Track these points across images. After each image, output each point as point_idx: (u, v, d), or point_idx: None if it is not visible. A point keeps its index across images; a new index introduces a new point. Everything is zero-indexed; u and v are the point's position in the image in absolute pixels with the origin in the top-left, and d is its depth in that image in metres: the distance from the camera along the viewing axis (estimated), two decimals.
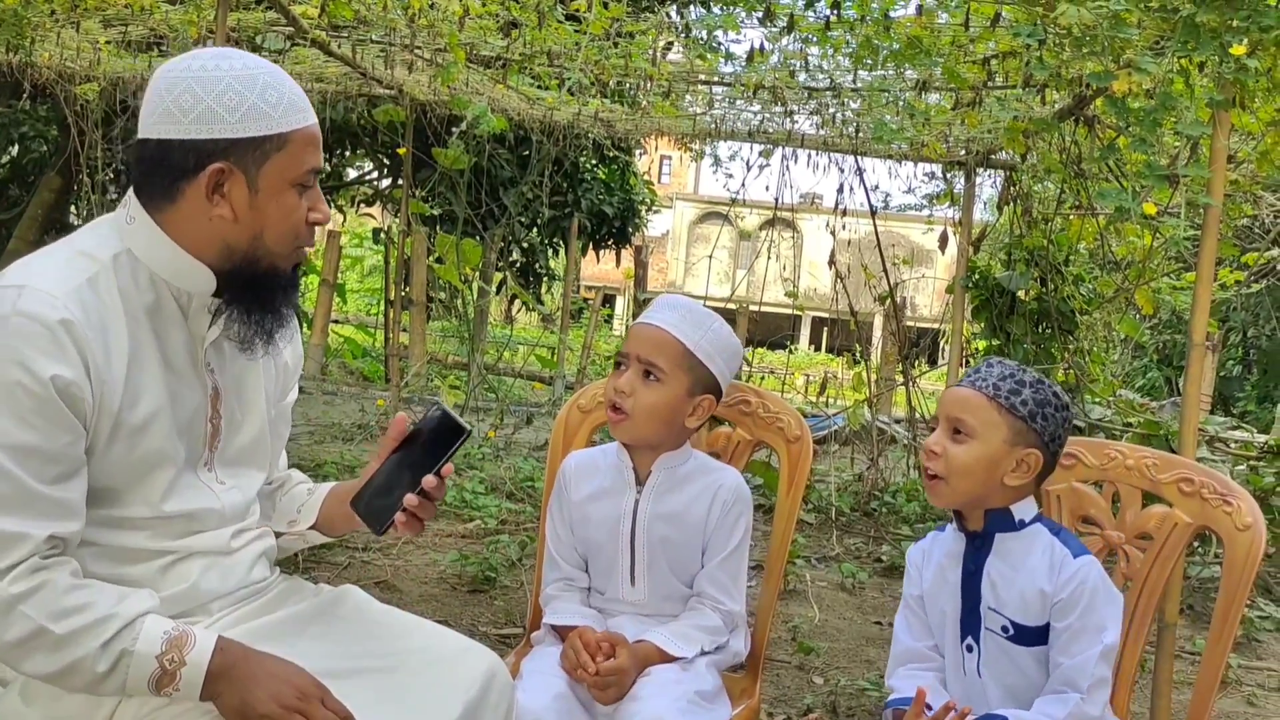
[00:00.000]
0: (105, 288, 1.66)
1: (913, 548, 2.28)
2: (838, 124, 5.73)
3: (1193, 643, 4.69)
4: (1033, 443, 2.04)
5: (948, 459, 2.05)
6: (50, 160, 11.76)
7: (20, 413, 1.54)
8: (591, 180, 14.03)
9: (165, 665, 1.59)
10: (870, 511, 6.87)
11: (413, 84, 6.04)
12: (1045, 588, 2.04)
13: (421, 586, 4.68)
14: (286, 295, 1.81)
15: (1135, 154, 4.03)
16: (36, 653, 1.56)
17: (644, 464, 2.36)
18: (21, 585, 1.54)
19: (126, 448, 1.67)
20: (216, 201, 1.67)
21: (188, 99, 1.64)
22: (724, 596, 2.33)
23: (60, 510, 1.58)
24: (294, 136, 1.69)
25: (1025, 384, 2.05)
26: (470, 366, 8.09)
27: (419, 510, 1.84)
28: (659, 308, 2.35)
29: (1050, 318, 6.33)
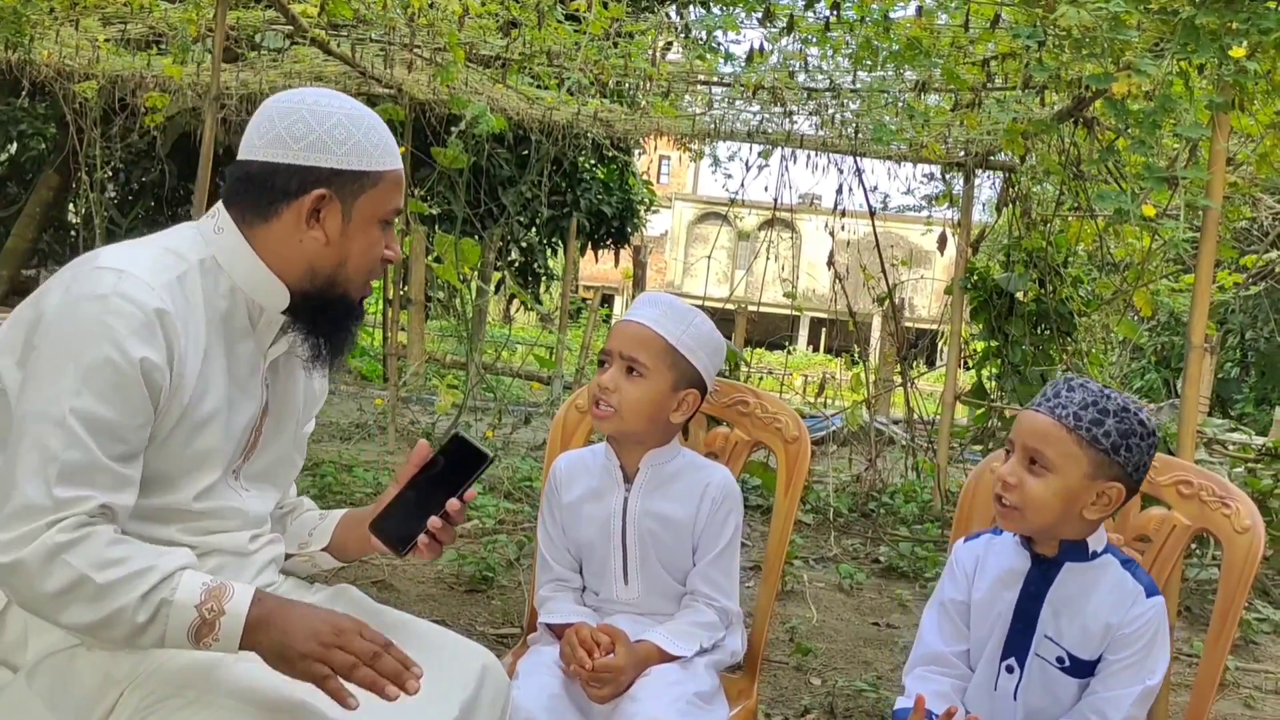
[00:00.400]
0: (190, 287, 1.74)
1: (962, 546, 2.18)
2: (837, 125, 5.73)
3: (1190, 645, 4.69)
4: (1115, 475, 1.93)
5: (1023, 491, 1.95)
6: (49, 158, 11.76)
7: (104, 388, 1.61)
8: (590, 180, 14.02)
9: (204, 615, 1.62)
10: (868, 513, 6.87)
11: (412, 83, 6.04)
12: (1112, 621, 1.97)
13: (419, 586, 4.68)
14: (353, 323, 1.91)
15: (1134, 156, 4.03)
16: (77, 603, 1.58)
17: (631, 462, 2.36)
18: (67, 535, 1.57)
19: (184, 440, 1.73)
20: (312, 225, 1.78)
21: (300, 128, 1.76)
22: (717, 594, 2.33)
23: (120, 483, 1.64)
24: (387, 176, 1.82)
25: (1109, 413, 1.92)
26: (469, 366, 8.08)
27: (440, 533, 1.88)
28: (640, 305, 2.36)
29: (1049, 319, 6.33)
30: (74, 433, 1.59)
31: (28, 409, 1.62)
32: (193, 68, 5.66)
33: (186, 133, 9.41)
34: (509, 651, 2.46)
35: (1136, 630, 1.96)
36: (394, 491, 1.95)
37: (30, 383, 1.63)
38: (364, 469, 6.60)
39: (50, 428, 1.59)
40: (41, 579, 1.57)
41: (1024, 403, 6.74)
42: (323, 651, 1.61)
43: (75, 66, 5.90)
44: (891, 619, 4.93)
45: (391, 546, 1.90)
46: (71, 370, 1.61)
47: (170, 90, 5.87)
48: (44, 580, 1.57)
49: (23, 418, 1.62)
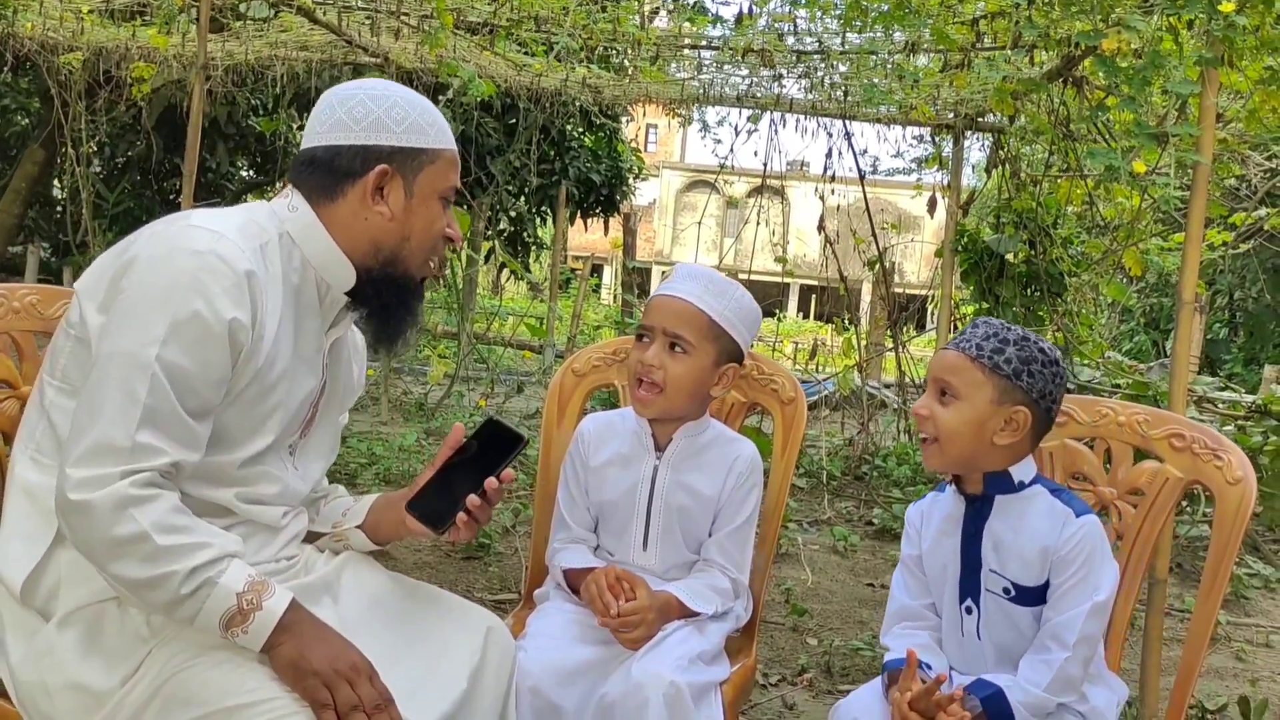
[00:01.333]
0: (271, 257, 1.80)
1: (911, 508, 2.28)
2: (826, 88, 5.71)
3: (1181, 600, 4.74)
4: (1020, 400, 2.03)
5: (935, 422, 2.06)
6: (33, 133, 11.67)
7: (192, 340, 1.66)
8: (579, 148, 13.96)
9: (243, 605, 1.65)
10: (861, 475, 6.91)
11: (399, 51, 6.00)
12: (1047, 544, 2.04)
13: (416, 554, 4.70)
14: (415, 302, 1.96)
15: (1124, 114, 4.03)
16: (131, 558, 1.61)
17: (664, 432, 2.37)
18: (140, 490, 1.61)
19: (253, 400, 1.78)
20: (377, 200, 1.85)
21: (360, 110, 1.85)
22: (731, 566, 2.35)
23: (191, 439, 1.69)
24: (444, 154, 1.90)
25: (1009, 342, 2.04)
26: (460, 335, 8.07)
27: (478, 511, 1.92)
28: (680, 279, 2.34)
29: (1039, 280, 6.34)
30: (158, 380, 1.63)
31: (113, 349, 1.66)
32: (178, 38, 5.62)
33: (172, 105, 9.35)
34: (509, 614, 2.47)
35: (1072, 550, 2.02)
36: (429, 474, 1.99)
37: (117, 324, 1.68)
38: (359, 439, 6.61)
39: (136, 370, 1.63)
40: (107, 524, 1.60)
41: None
42: (333, 678, 1.65)
43: (59, 39, 5.85)
44: (885, 580, 4.97)
45: (430, 525, 1.94)
46: (162, 318, 1.65)
47: (155, 62, 5.83)
48: (109, 526, 1.60)
49: (108, 357, 1.66)
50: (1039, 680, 1.98)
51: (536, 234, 15.60)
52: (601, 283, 29.78)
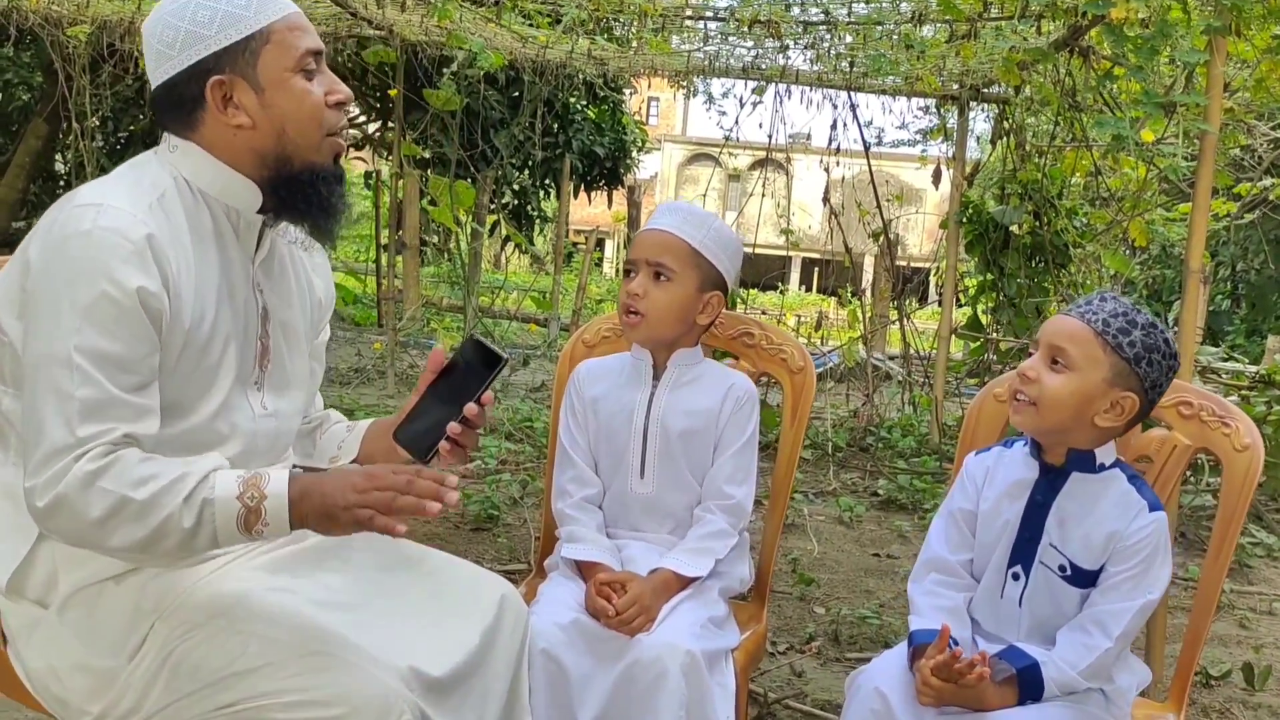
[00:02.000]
0: (171, 207, 1.74)
1: (973, 458, 2.22)
2: (831, 59, 5.70)
3: (1185, 569, 4.76)
4: (1133, 386, 1.97)
5: (1041, 386, 1.99)
6: (35, 108, 11.65)
7: (105, 322, 1.61)
8: (582, 121, 13.93)
9: (247, 503, 1.64)
10: (866, 447, 6.92)
11: (404, 24, 5.99)
12: (1115, 530, 2.00)
13: (425, 525, 4.72)
14: (333, 188, 1.84)
15: (1130, 84, 4.02)
16: (123, 524, 1.60)
17: (660, 361, 2.43)
18: (96, 463, 1.59)
19: (194, 362, 1.74)
20: (231, 113, 1.74)
21: (169, 34, 1.72)
22: (733, 487, 2.39)
23: (139, 413, 1.65)
24: (276, 26, 1.75)
25: (1137, 325, 1.97)
26: (465, 309, 8.09)
27: (462, 438, 1.87)
28: (660, 213, 2.43)
29: (1044, 251, 6.34)
30: (84, 370, 1.60)
31: (35, 354, 1.63)
32: None
33: None
34: (522, 582, 2.50)
35: (1138, 543, 2.00)
36: (414, 400, 1.95)
37: (32, 329, 1.64)
38: (365, 412, 6.63)
39: (60, 369, 1.60)
40: (84, 508, 1.58)
41: (1019, 335, 6.78)
42: (361, 498, 1.64)
43: (63, 12, 5.84)
44: (891, 549, 5.00)
45: (416, 455, 1.89)
46: (69, 309, 1.61)
47: None
48: (87, 509, 1.58)
49: (33, 364, 1.63)
50: (1077, 662, 1.97)
51: (540, 207, 15.59)
52: (604, 256, 29.75)
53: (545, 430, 6.30)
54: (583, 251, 12.47)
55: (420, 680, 1.74)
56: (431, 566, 2.00)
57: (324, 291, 2.06)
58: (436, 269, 13.83)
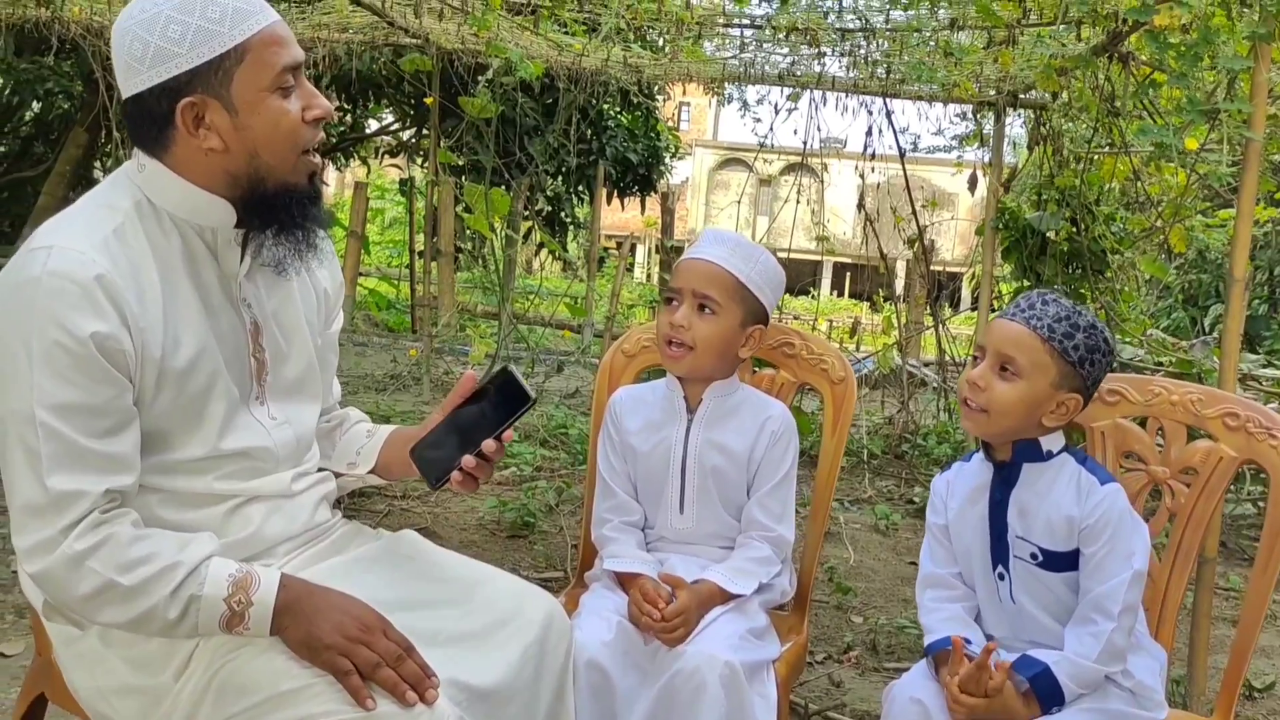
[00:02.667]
0: (132, 236, 1.67)
1: (937, 478, 2.30)
2: (868, 65, 5.69)
3: (1226, 579, 4.72)
4: (1076, 387, 2.05)
5: (991, 395, 2.04)
6: (76, 116, 11.77)
7: (61, 371, 1.57)
8: (615, 128, 13.94)
9: (233, 607, 1.64)
10: (901, 454, 6.90)
11: (440, 32, 6.02)
12: (1073, 513, 2.05)
13: (461, 533, 4.74)
14: (307, 209, 1.77)
15: (1171, 90, 3.99)
16: (109, 605, 1.60)
17: (695, 394, 2.41)
18: (86, 541, 1.58)
19: (175, 391, 1.69)
20: (203, 135, 1.66)
21: (138, 47, 1.64)
22: (773, 522, 2.38)
23: (113, 464, 1.62)
24: (251, 44, 1.66)
25: (1079, 328, 2.03)
26: (501, 315, 8.12)
27: (475, 470, 1.88)
28: (708, 242, 2.39)
29: (1082, 258, 6.29)
30: (47, 424, 1.56)
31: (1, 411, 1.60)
32: None
33: None
34: (561, 593, 2.50)
35: (1100, 518, 2.03)
36: (438, 418, 1.95)
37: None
38: (400, 419, 6.66)
39: (25, 426, 1.57)
40: (71, 585, 1.59)
41: None
42: (347, 645, 1.63)
43: (105, 22, 5.90)
44: None
45: (427, 478, 1.91)
46: (25, 363, 1.56)
47: None
48: (74, 586, 1.59)
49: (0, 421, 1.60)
50: (1087, 653, 1.99)
51: (574, 213, 15.63)
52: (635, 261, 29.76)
53: (580, 437, 6.31)
54: (615, 257, 12.49)
55: (464, 692, 1.74)
56: (476, 580, 1.99)
57: (330, 281, 2.01)
58: (470, 275, 13.87)
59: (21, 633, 3.35)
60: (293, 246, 1.78)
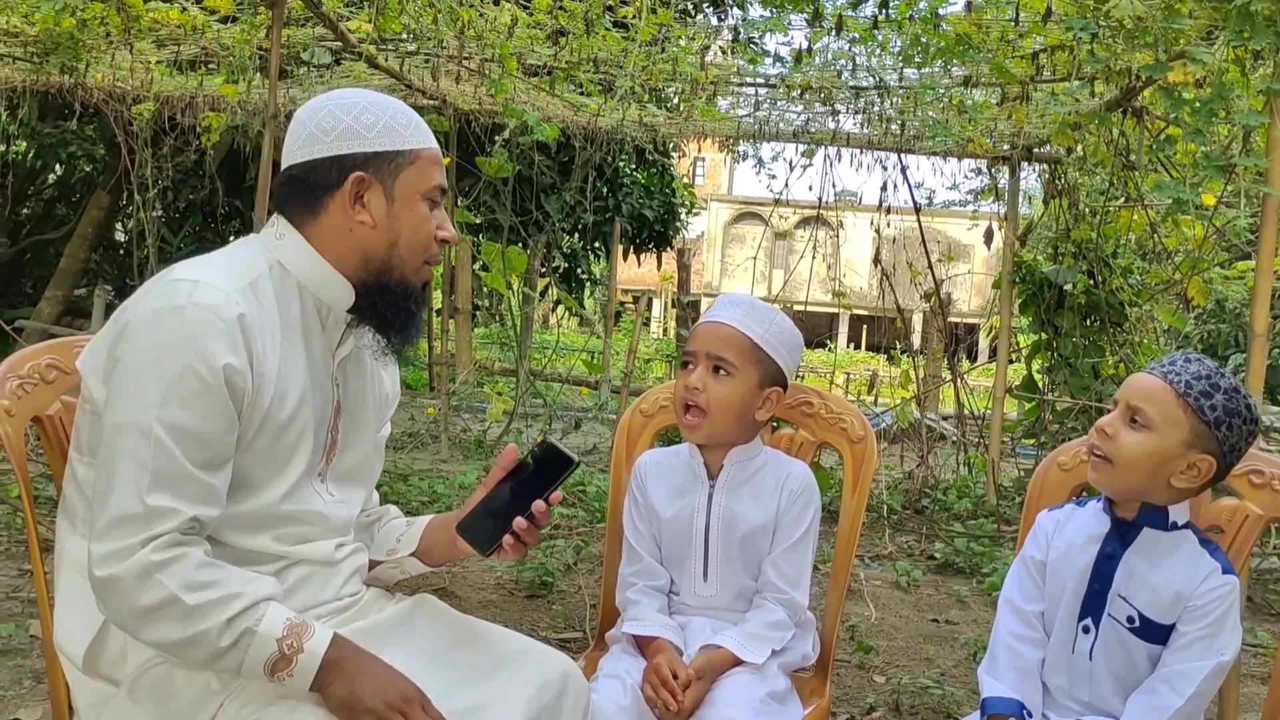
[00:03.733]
0: (264, 292, 1.78)
1: (1045, 513, 2.21)
2: (882, 122, 5.73)
3: (1254, 634, 4.65)
4: (1211, 449, 1.96)
5: (1118, 443, 1.99)
6: (97, 179, 11.93)
7: (188, 396, 1.64)
8: (631, 185, 14.04)
9: (284, 649, 1.65)
10: (922, 509, 6.85)
11: (457, 94, 6.09)
12: (1183, 590, 1.99)
13: (479, 593, 4.72)
14: (417, 308, 1.91)
15: (1186, 144, 4.00)
16: (165, 620, 1.62)
17: (715, 459, 2.39)
18: (162, 555, 1.61)
19: (270, 441, 1.76)
20: (358, 210, 1.82)
21: (329, 121, 1.81)
22: (787, 585, 2.35)
23: (207, 494, 1.67)
24: (423, 153, 1.86)
25: (1220, 389, 1.96)
26: (518, 373, 8.13)
27: (525, 534, 1.91)
28: (722, 306, 2.39)
29: (1099, 310, 6.28)
30: (161, 442, 1.62)
31: (115, 421, 1.65)
32: (244, 86, 5.74)
33: (233, 150, 9.55)
34: (580, 655, 2.48)
35: (1208, 603, 1.98)
36: (481, 494, 1.98)
37: (116, 395, 1.67)
38: (419, 478, 6.66)
39: (138, 438, 1.63)
40: (136, 595, 1.61)
41: (1076, 395, 6.70)
42: (386, 712, 1.66)
43: (128, 89, 6.00)
44: (950, 615, 4.92)
45: (477, 547, 1.93)
46: (155, 381, 1.64)
47: (221, 109, 5.95)
48: (138, 596, 1.61)
49: (112, 430, 1.65)
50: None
51: (590, 269, 15.70)
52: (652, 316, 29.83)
53: (598, 494, 6.29)
54: (632, 312, 12.51)
55: None
56: (493, 642, 1.99)
57: (391, 387, 2.10)
58: (488, 332, 13.92)
59: (39, 698, 3.33)
60: (394, 337, 1.91)
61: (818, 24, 4.62)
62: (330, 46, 5.62)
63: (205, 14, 5.11)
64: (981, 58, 3.97)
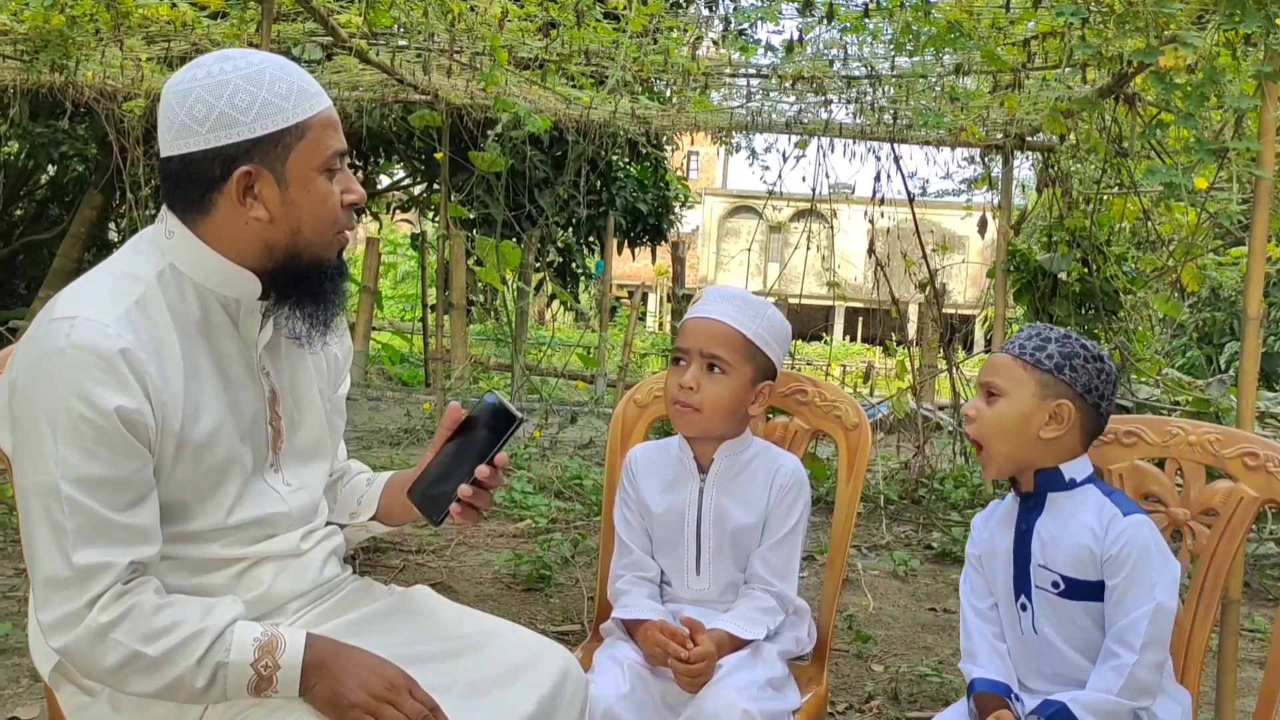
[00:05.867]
0: (154, 307, 1.66)
1: (979, 514, 2.31)
2: (874, 112, 5.72)
3: (1251, 620, 4.66)
4: (1063, 394, 2.07)
5: (981, 420, 2.11)
6: (90, 178, 11.90)
7: (86, 445, 1.55)
8: (625, 178, 14.03)
9: (260, 671, 1.63)
10: (918, 499, 6.85)
11: (449, 88, 6.08)
12: (1093, 544, 2.05)
13: (477, 587, 4.72)
14: (335, 283, 1.80)
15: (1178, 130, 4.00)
16: (135, 675, 1.59)
17: (705, 454, 2.39)
18: (110, 613, 1.57)
19: (193, 464, 1.68)
20: (250, 204, 1.67)
21: (200, 109, 1.64)
22: (774, 579, 2.35)
23: (137, 536, 1.61)
24: (311, 123, 1.69)
25: (1051, 339, 2.10)
26: (514, 367, 8.12)
27: (474, 499, 1.86)
28: (712, 300, 2.36)
29: (1094, 298, 6.28)
30: (72, 499, 1.55)
31: (23, 484, 1.60)
32: None
33: None
34: (577, 647, 2.48)
35: (1121, 550, 2.03)
36: (431, 456, 1.93)
37: (17, 456, 1.61)
38: None
39: (49, 499, 1.56)
40: (97, 658, 1.58)
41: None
42: (374, 705, 1.63)
43: (118, 86, 5.98)
44: (948, 604, 4.93)
45: (427, 518, 1.90)
46: (49, 437, 1.55)
47: None
48: (100, 659, 1.58)
49: (23, 492, 1.59)
50: (1109, 686, 1.98)
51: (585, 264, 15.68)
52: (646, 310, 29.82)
53: (595, 488, 6.29)
54: (627, 307, 12.50)
55: None
56: (489, 633, 1.97)
57: (340, 348, 2.01)
58: (483, 328, 13.91)
59: (36, 696, 3.33)
60: (315, 319, 1.79)
61: (809, 13, 4.62)
62: (321, 41, 5.61)
63: (195, 10, 5.09)
64: (973, 45, 3.96)
